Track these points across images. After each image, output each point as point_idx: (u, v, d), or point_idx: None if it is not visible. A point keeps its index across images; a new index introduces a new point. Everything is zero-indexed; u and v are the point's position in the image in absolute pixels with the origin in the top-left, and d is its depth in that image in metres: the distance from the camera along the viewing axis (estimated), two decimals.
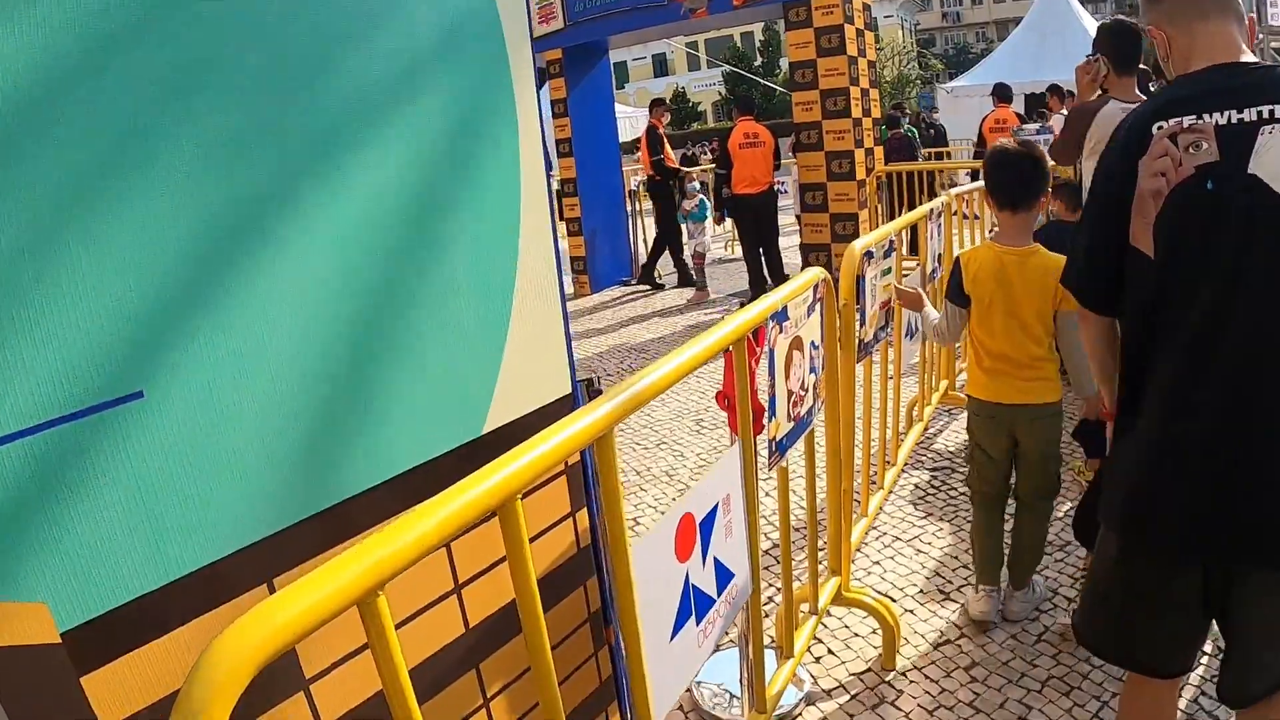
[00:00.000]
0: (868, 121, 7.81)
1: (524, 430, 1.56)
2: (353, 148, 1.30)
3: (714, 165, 10.36)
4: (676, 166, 9.19)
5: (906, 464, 3.83)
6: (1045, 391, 2.53)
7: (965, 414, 2.87)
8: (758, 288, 7.85)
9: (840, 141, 7.50)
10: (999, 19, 50.58)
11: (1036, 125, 8.62)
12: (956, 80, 21.26)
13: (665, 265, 9.48)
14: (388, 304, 1.36)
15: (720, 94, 38.89)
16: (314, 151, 1.25)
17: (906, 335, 3.53)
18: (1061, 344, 2.51)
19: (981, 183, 2.96)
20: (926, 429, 4.19)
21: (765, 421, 1.88)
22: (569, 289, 9.88)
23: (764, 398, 1.87)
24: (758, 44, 41.87)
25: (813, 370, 2.15)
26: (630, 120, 19.11)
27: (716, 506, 1.68)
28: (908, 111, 12.45)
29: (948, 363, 4.53)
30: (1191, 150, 1.39)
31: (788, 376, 1.97)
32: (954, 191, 4.59)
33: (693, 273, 8.58)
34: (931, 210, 3.91)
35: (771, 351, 1.86)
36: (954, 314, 2.63)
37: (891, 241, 3.07)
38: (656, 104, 9.46)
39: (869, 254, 2.77)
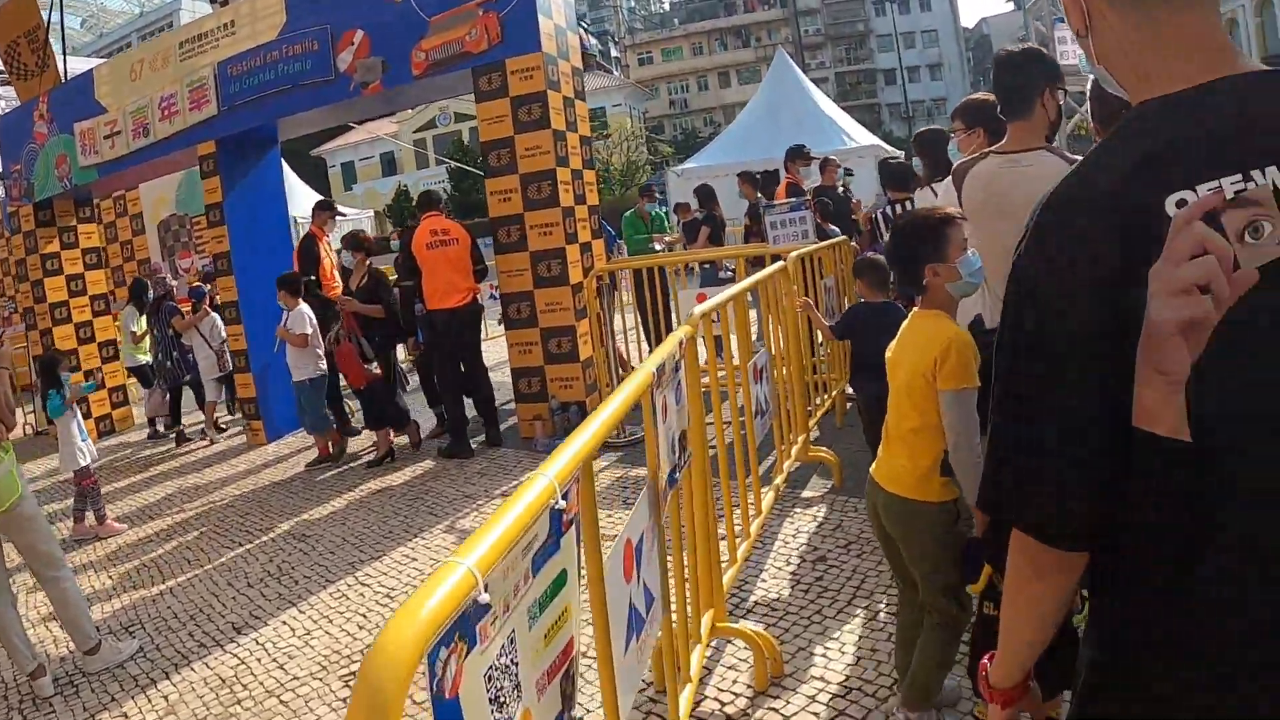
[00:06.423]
0: (582, 210, 6.42)
1: None
2: None
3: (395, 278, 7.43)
4: (330, 295, 6.78)
5: None
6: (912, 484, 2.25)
7: None
8: (458, 436, 6.13)
9: (547, 238, 6.05)
10: (726, 104, 51.82)
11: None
12: (685, 163, 21.20)
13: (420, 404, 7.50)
14: None
15: (446, 191, 36.73)
16: None
17: None
18: (946, 428, 2.13)
19: None
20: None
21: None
22: (242, 438, 7.91)
23: None
24: None
25: None
26: (354, 223, 16.97)
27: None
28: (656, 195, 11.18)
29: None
30: (1249, 238, 0.74)
31: None
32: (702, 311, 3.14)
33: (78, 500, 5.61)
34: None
35: None
36: None
37: None
38: (320, 207, 7.54)
39: None
